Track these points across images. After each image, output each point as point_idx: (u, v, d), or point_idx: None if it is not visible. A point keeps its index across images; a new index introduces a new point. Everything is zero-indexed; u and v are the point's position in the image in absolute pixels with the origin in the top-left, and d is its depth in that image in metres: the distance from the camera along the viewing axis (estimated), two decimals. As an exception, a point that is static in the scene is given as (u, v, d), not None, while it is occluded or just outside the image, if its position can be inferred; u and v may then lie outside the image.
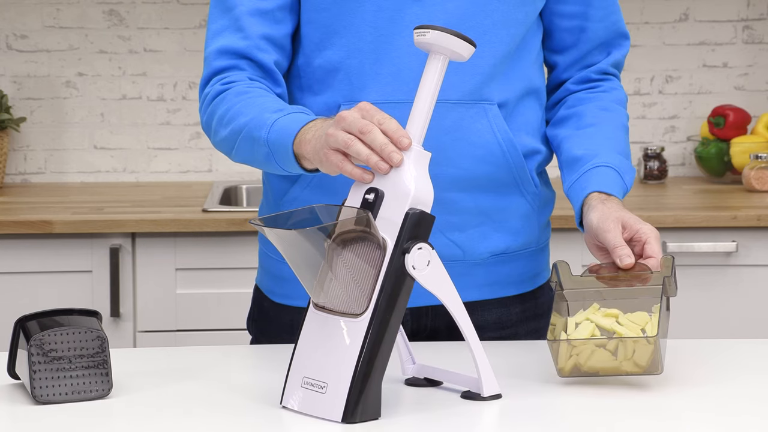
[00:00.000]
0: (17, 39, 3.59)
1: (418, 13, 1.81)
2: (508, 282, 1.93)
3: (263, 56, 1.83)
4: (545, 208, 1.96)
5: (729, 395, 1.63)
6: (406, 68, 1.81)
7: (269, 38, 1.84)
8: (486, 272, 1.89)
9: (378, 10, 1.82)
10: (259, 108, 1.75)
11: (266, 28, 1.83)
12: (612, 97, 1.96)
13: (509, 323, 1.94)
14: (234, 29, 1.84)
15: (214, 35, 1.85)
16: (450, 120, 1.82)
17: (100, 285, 3.05)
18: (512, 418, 1.54)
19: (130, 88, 3.62)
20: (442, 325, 1.89)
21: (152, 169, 3.65)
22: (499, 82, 1.85)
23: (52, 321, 1.58)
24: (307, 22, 1.86)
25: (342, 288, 1.52)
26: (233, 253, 3.05)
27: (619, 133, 1.93)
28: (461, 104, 1.83)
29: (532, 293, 1.97)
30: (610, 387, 1.65)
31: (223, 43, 1.84)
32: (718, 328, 3.09)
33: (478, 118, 1.83)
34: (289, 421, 1.52)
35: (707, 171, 3.60)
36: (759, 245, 3.09)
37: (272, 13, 1.84)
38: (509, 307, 1.94)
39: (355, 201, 1.56)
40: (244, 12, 1.83)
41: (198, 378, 1.69)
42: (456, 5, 1.82)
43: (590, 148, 1.88)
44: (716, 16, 3.68)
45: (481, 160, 1.85)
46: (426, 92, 1.57)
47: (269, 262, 1.96)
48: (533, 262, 1.96)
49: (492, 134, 1.84)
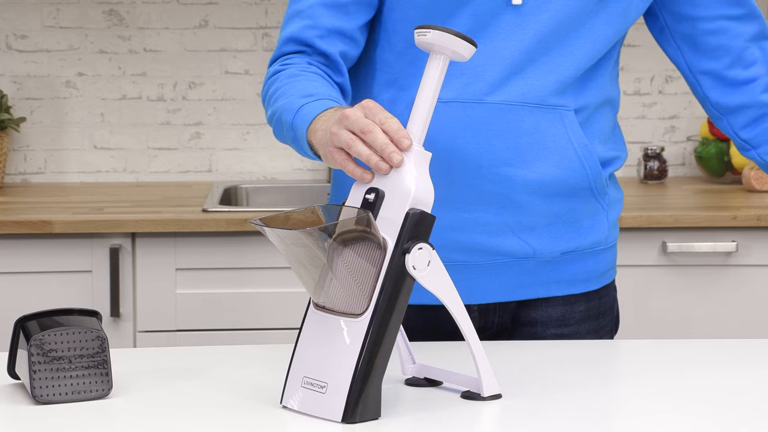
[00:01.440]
0: (17, 39, 3.59)
1: (512, 20, 1.83)
2: (575, 280, 1.95)
3: (329, 47, 1.86)
4: (614, 207, 1.97)
5: (730, 396, 1.63)
6: (493, 71, 1.82)
7: (339, 30, 1.86)
8: (554, 270, 1.91)
9: (474, 15, 1.83)
10: (298, 92, 1.77)
11: (337, 21, 1.86)
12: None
13: (572, 321, 1.96)
14: (305, 16, 1.86)
15: (288, 20, 1.89)
16: (527, 123, 1.84)
17: (100, 285, 3.05)
18: (512, 418, 1.54)
19: (130, 88, 3.62)
20: (507, 321, 1.94)
21: (152, 169, 3.65)
22: (577, 90, 1.87)
23: (52, 321, 1.58)
24: (400, 18, 1.87)
25: (342, 288, 1.52)
26: (233, 253, 3.05)
27: None
28: (539, 108, 1.84)
29: (596, 292, 1.98)
30: (611, 387, 1.65)
31: (294, 30, 1.87)
32: (718, 328, 3.09)
33: (554, 122, 1.85)
34: (289, 421, 1.52)
35: (707, 171, 3.60)
36: (759, 245, 3.09)
37: (345, 6, 1.86)
38: (573, 304, 1.96)
39: (356, 201, 1.56)
40: (316, 3, 1.86)
41: (198, 378, 1.69)
42: (550, 15, 1.83)
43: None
44: (716, 16, 3.68)
45: (556, 165, 1.86)
46: (427, 92, 1.57)
47: None
48: (601, 260, 1.97)
49: (568, 140, 1.86)
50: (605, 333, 2.01)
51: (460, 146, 1.82)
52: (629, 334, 3.06)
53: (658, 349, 1.88)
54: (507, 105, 1.83)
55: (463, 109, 1.82)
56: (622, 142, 1.99)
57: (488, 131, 1.83)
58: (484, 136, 1.83)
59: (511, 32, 1.83)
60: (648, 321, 3.09)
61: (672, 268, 3.09)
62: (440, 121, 1.82)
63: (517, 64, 1.83)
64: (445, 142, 1.83)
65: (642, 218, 3.05)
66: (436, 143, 1.79)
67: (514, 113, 1.81)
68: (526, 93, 1.83)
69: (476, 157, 1.83)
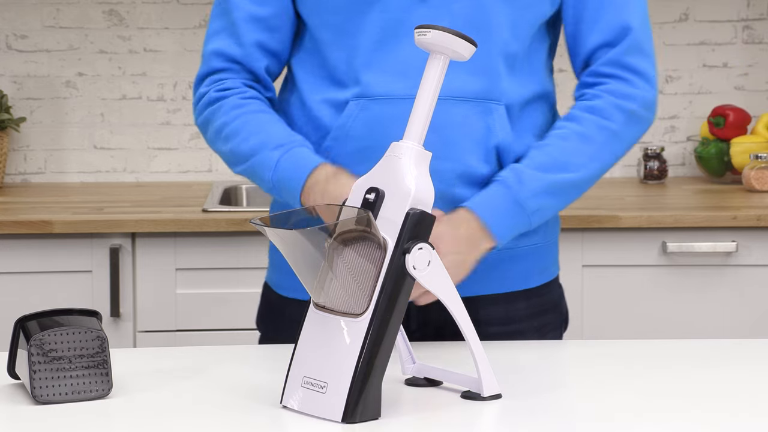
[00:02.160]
0: (17, 39, 3.59)
1: (424, 14, 1.84)
2: (513, 277, 1.94)
3: (255, 64, 1.92)
4: None
5: (730, 396, 1.63)
6: (411, 66, 1.83)
7: (262, 45, 1.92)
8: (489, 267, 1.89)
9: (385, 11, 1.85)
10: (259, 138, 1.85)
11: (260, 35, 1.92)
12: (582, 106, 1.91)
13: (515, 318, 1.94)
14: (230, 33, 1.93)
15: (213, 35, 1.95)
16: (455, 116, 1.84)
17: (100, 285, 3.04)
18: (512, 418, 1.54)
19: (130, 88, 3.62)
20: (448, 318, 1.90)
21: (152, 169, 3.65)
22: (509, 84, 1.87)
23: (52, 321, 1.58)
24: (319, 25, 1.90)
25: (342, 288, 1.52)
26: (233, 253, 3.05)
27: (551, 140, 1.87)
28: (467, 101, 1.85)
29: (537, 289, 1.97)
30: (611, 387, 1.65)
31: (219, 46, 1.93)
32: (718, 328, 3.09)
33: (482, 116, 1.85)
34: (289, 420, 1.52)
35: (707, 171, 3.60)
36: (759, 245, 3.09)
37: (267, 20, 1.92)
38: (514, 302, 1.94)
39: (356, 201, 1.56)
40: (240, 18, 1.92)
41: (198, 378, 1.69)
42: (461, 6, 1.84)
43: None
44: (716, 16, 3.68)
45: (483, 159, 1.86)
46: (427, 92, 1.57)
47: (277, 256, 1.97)
48: (539, 257, 1.96)
49: (494, 134, 1.85)
50: (550, 330, 1.99)
51: (391, 142, 1.82)
52: (629, 334, 3.06)
53: (657, 349, 1.88)
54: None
55: (392, 105, 1.83)
56: None
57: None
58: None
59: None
60: (648, 321, 3.09)
61: (672, 268, 3.09)
62: (371, 118, 1.84)
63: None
64: (377, 138, 1.83)
65: (642, 218, 3.05)
66: (367, 139, 1.83)
67: (441, 107, 1.78)
68: (454, 86, 1.82)
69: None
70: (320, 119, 1.89)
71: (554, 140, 1.87)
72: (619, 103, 1.89)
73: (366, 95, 1.85)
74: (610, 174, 3.69)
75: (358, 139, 1.86)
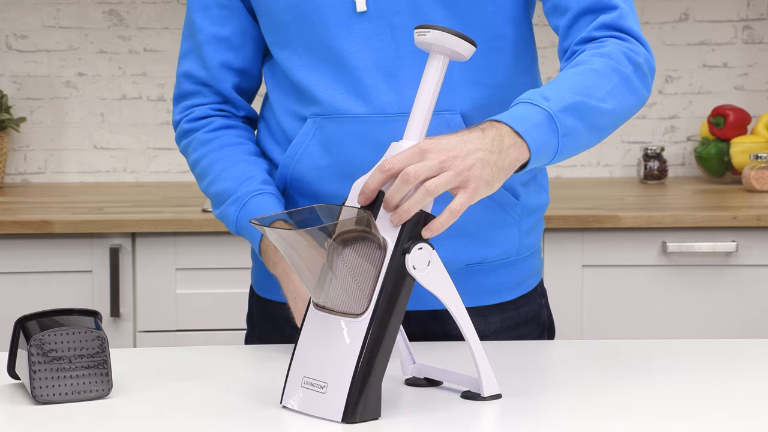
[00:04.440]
0: (17, 39, 3.59)
1: (365, 27, 1.80)
2: (485, 291, 1.90)
3: (222, 85, 1.94)
4: (530, 216, 1.92)
5: (730, 396, 1.63)
6: (365, 82, 1.80)
7: (227, 65, 1.93)
8: (461, 281, 1.76)
9: (324, 26, 1.81)
10: (221, 186, 1.87)
11: (224, 55, 1.92)
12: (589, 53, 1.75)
13: (488, 333, 1.91)
14: (196, 56, 1.94)
15: (183, 56, 1.97)
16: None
17: (100, 285, 3.05)
18: (512, 418, 1.54)
19: (130, 88, 3.62)
20: (418, 332, 1.89)
21: (152, 169, 3.65)
22: (465, 91, 1.82)
23: (52, 321, 1.58)
24: (271, 43, 1.88)
25: (342, 288, 1.52)
26: (233, 253, 3.05)
27: (569, 73, 1.71)
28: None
29: (512, 302, 1.94)
30: (611, 386, 1.65)
31: (188, 68, 1.96)
32: (718, 328, 3.09)
33: (440, 128, 1.78)
34: (289, 421, 1.52)
35: (707, 171, 3.60)
36: (759, 245, 3.09)
37: (229, 39, 1.92)
38: (487, 316, 1.91)
39: (356, 201, 1.56)
40: (203, 40, 1.92)
41: (198, 378, 1.69)
42: (401, 18, 1.79)
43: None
44: (716, 16, 3.68)
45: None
46: (426, 92, 1.57)
47: (256, 257, 1.97)
48: (513, 272, 1.92)
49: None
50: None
51: (360, 158, 1.80)
52: (629, 333, 3.06)
53: (658, 348, 1.88)
54: (383, 117, 1.80)
55: (348, 123, 1.80)
56: None
57: (372, 142, 1.79)
58: (371, 149, 1.77)
59: (368, 40, 1.81)
60: (648, 321, 3.09)
61: (672, 268, 3.09)
62: (326, 137, 1.83)
63: (389, 72, 1.80)
64: (334, 155, 1.82)
65: (642, 218, 3.05)
66: (323, 158, 1.83)
67: (396, 123, 1.75)
68: (402, 102, 1.79)
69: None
70: (287, 131, 1.88)
71: (569, 74, 1.70)
72: (627, 52, 1.74)
73: (322, 114, 1.83)
74: (610, 174, 3.69)
75: (315, 157, 1.84)
